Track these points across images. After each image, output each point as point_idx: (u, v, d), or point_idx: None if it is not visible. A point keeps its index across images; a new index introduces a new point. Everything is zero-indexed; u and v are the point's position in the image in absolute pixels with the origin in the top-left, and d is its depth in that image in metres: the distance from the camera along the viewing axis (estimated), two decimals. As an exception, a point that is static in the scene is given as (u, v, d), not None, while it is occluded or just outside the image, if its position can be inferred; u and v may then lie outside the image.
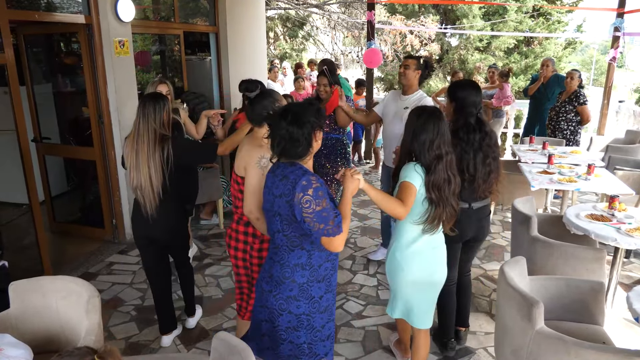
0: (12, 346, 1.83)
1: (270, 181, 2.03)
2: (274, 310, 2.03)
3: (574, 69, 6.08)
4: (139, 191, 2.78)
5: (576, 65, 21.03)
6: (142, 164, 2.71)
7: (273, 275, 2.03)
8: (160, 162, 2.73)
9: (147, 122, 2.73)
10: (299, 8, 14.60)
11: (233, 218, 2.70)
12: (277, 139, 1.94)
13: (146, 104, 2.76)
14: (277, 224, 1.99)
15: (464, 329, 3.23)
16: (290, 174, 1.92)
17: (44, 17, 4.05)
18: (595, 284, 2.71)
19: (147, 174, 2.72)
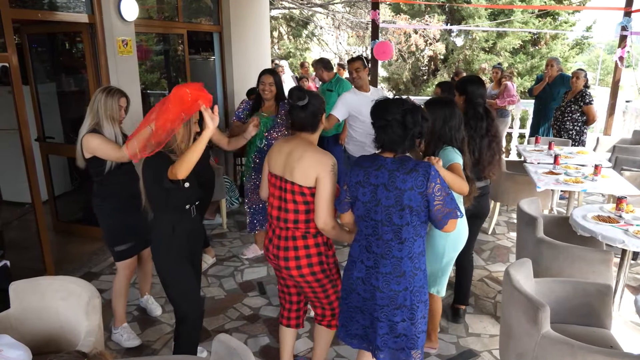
0: (11, 347, 1.81)
1: (387, 177, 2.06)
2: (414, 305, 2.13)
3: (580, 69, 6.03)
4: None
5: (582, 65, 20.89)
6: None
7: (405, 272, 2.10)
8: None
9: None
10: (303, 7, 14.58)
11: (281, 235, 2.43)
12: (412, 134, 2.08)
13: None
14: (406, 217, 2.05)
15: (464, 307, 3.50)
16: (417, 167, 2.05)
17: (47, 16, 4.04)
18: (602, 286, 2.67)
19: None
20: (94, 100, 2.89)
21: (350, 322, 2.29)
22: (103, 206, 3.06)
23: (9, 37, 3.55)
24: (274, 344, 3.21)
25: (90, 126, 2.88)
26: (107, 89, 2.92)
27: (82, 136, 2.86)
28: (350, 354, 3.11)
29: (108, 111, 2.88)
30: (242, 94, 6.18)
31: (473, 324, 3.44)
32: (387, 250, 2.10)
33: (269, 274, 4.17)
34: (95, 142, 2.83)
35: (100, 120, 2.88)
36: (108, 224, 3.09)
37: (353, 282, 2.22)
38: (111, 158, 2.88)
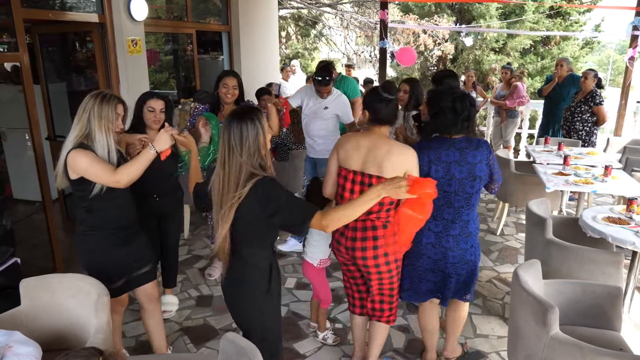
0: (22, 344, 1.83)
1: (458, 155, 2.45)
2: (476, 259, 2.63)
3: (590, 69, 5.98)
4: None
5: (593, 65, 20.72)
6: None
7: (471, 233, 2.57)
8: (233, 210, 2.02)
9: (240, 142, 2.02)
10: (312, 7, 14.58)
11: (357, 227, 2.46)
12: (462, 118, 2.43)
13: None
14: (476, 186, 2.49)
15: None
16: (481, 143, 2.49)
17: (58, 16, 4.07)
18: (612, 288, 2.65)
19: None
20: (84, 107, 2.39)
21: (420, 283, 2.67)
22: (87, 238, 2.52)
23: (21, 36, 3.58)
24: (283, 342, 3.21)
25: (77, 139, 2.37)
26: (101, 94, 2.43)
27: (67, 152, 2.35)
28: (357, 354, 3.11)
29: (103, 120, 2.38)
30: (251, 93, 6.19)
31: (481, 325, 3.43)
32: (457, 215, 2.52)
33: (277, 274, 4.17)
34: (84, 161, 2.32)
35: (92, 132, 2.37)
36: (91, 259, 2.55)
37: (422, 247, 2.58)
38: (104, 182, 2.38)
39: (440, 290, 2.68)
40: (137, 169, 2.41)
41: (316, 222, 1.91)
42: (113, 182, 2.37)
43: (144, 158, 2.43)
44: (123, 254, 2.56)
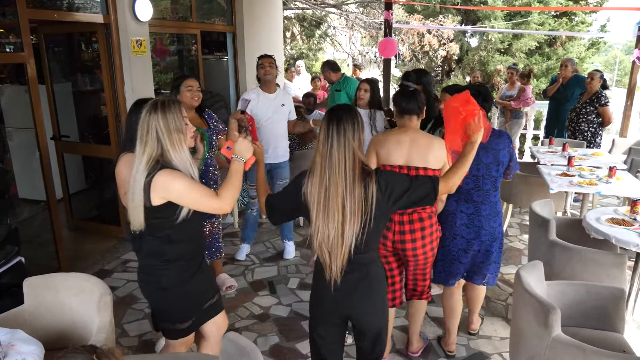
0: (24, 342, 1.84)
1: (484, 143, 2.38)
2: (501, 235, 2.89)
3: (596, 70, 5.95)
4: (324, 247, 1.92)
5: (599, 66, 20.62)
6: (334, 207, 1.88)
7: (498, 212, 2.84)
8: (360, 205, 1.87)
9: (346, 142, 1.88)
10: (317, 8, 14.59)
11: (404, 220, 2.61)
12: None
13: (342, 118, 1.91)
14: (500, 170, 2.76)
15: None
16: (502, 133, 2.78)
17: (63, 17, 4.10)
18: (615, 290, 2.63)
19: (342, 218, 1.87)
20: (146, 125, 2.01)
21: (452, 265, 2.88)
22: (162, 273, 2.15)
23: (26, 37, 3.61)
24: (284, 343, 3.22)
25: (151, 162, 2.01)
26: (158, 103, 2.05)
27: (145, 178, 1.99)
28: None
29: (174, 133, 2.02)
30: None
31: (484, 326, 3.42)
32: (486, 197, 2.77)
33: (280, 274, 4.18)
34: (181, 185, 1.99)
35: (166, 152, 2.02)
36: (164, 298, 2.19)
37: (457, 229, 2.81)
38: (203, 208, 2.08)
39: (469, 270, 2.94)
40: (236, 187, 2.12)
41: (443, 185, 1.98)
42: (217, 208, 2.08)
43: (236, 172, 2.13)
44: (197, 287, 2.24)
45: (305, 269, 4.27)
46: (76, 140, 5.16)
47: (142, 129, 2.02)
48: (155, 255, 2.15)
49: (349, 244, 1.86)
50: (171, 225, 2.08)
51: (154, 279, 2.17)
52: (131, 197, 2.04)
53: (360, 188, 1.85)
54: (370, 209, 1.86)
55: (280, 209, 2.09)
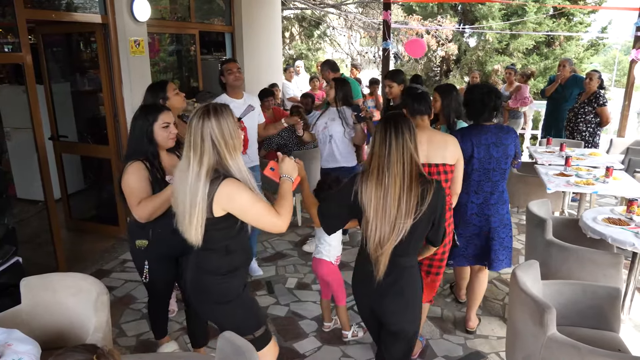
0: (21, 342, 1.85)
1: (494, 138, 2.94)
2: (511, 223, 3.17)
3: (594, 70, 5.96)
4: (379, 248, 1.97)
5: (598, 66, 20.61)
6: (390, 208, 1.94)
7: (505, 200, 3.08)
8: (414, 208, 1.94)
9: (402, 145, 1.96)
10: (316, 8, 14.59)
11: None
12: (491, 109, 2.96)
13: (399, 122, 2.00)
14: (508, 162, 3.00)
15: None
16: (509, 128, 3.04)
17: (61, 17, 4.10)
18: (611, 289, 2.64)
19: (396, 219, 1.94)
20: (200, 134, 1.89)
21: (467, 248, 3.10)
22: (226, 286, 2.07)
23: (24, 37, 3.61)
24: (281, 342, 3.23)
25: (210, 172, 1.90)
26: (210, 109, 1.92)
27: (214, 186, 1.88)
28: (359, 354, 3.12)
29: (230, 140, 1.92)
30: (254, 94, 6.21)
31: (481, 325, 3.43)
32: (495, 187, 2.99)
33: (277, 274, 4.18)
34: (246, 197, 1.91)
35: (224, 160, 1.92)
36: (239, 307, 2.12)
37: (468, 218, 3.04)
38: (263, 225, 1.98)
39: (486, 255, 3.11)
40: (291, 205, 2.07)
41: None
42: (277, 226, 1.99)
43: (289, 192, 2.08)
44: (250, 295, 2.23)
45: (304, 269, 4.27)
46: (74, 141, 5.16)
47: (195, 138, 1.89)
48: (213, 269, 2.04)
49: (397, 241, 1.94)
50: (230, 236, 2.02)
51: (214, 296, 2.06)
52: (187, 211, 1.91)
53: (417, 190, 1.94)
54: (420, 213, 1.94)
55: (335, 216, 2.14)
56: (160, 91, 3.07)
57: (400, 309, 2.08)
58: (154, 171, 2.47)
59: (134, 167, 2.43)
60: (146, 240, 2.55)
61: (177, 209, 1.99)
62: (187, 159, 1.92)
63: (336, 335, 3.28)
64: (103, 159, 4.85)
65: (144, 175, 2.42)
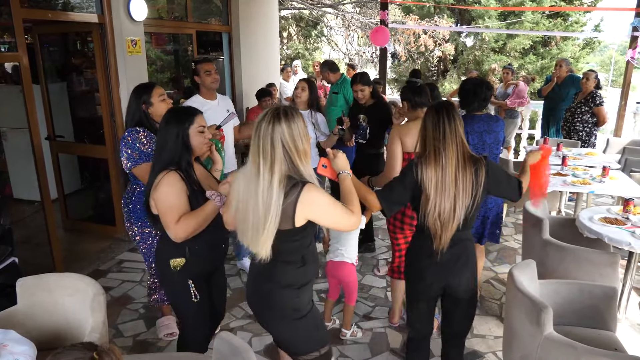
0: (16, 342, 1.84)
1: (486, 126, 3.20)
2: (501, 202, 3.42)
3: (591, 70, 5.97)
4: (438, 220, 2.16)
5: (594, 66, 20.70)
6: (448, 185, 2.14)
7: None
8: (471, 184, 2.16)
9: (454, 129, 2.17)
10: (313, 8, 14.59)
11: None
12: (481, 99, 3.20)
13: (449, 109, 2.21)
14: (499, 148, 3.29)
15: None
16: (497, 117, 3.31)
17: (57, 16, 4.09)
18: (608, 289, 2.65)
19: (456, 195, 2.13)
20: (270, 140, 1.76)
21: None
22: (299, 301, 1.97)
23: (20, 36, 3.60)
24: (279, 342, 3.22)
25: (284, 179, 1.78)
26: (280, 112, 1.80)
27: (294, 195, 1.77)
28: (356, 354, 3.12)
29: (301, 145, 1.81)
30: (251, 94, 6.21)
31: (478, 325, 3.43)
32: None
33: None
34: (325, 200, 1.84)
35: (297, 166, 1.81)
36: (311, 322, 2.04)
37: None
38: (342, 227, 1.92)
39: (480, 234, 3.38)
40: (357, 199, 2.00)
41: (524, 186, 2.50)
42: (353, 225, 1.92)
43: (351, 186, 2.02)
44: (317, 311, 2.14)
45: (301, 269, 4.27)
46: (71, 140, 5.15)
47: (264, 143, 1.77)
48: (289, 283, 1.93)
49: (459, 217, 2.15)
50: (305, 246, 1.95)
51: (287, 311, 1.95)
52: (258, 224, 1.79)
53: (470, 169, 2.17)
54: (478, 190, 2.17)
55: (398, 199, 2.28)
56: (144, 94, 2.86)
57: (468, 277, 2.30)
58: (191, 183, 2.19)
59: (172, 179, 2.13)
60: (183, 258, 2.25)
61: (241, 222, 1.86)
62: (256, 167, 1.80)
63: (334, 335, 3.28)
64: (100, 158, 4.83)
65: (182, 188, 2.14)
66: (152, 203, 2.18)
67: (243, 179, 1.86)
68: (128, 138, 2.80)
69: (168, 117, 2.24)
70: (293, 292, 1.94)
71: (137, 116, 2.87)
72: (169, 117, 2.23)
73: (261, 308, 2.01)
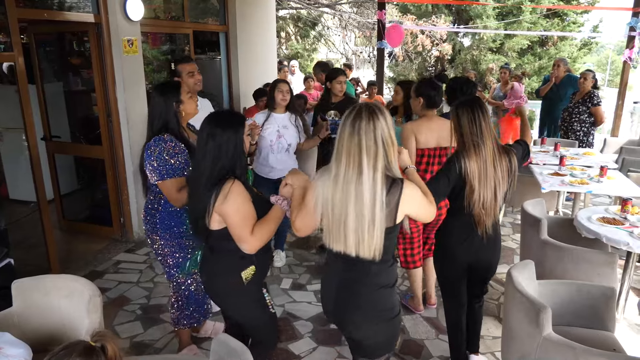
0: (12, 345, 1.83)
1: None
2: None
3: (588, 70, 5.98)
4: (482, 210, 2.41)
5: (591, 66, 20.72)
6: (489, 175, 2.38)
7: None
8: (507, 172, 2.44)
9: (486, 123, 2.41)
10: (311, 8, 14.58)
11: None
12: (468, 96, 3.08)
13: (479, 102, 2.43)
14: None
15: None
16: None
17: (53, 16, 4.06)
18: (606, 289, 2.64)
19: (496, 185, 2.40)
20: (370, 135, 1.73)
21: None
22: (395, 295, 2.01)
23: (15, 36, 3.58)
24: (276, 343, 3.21)
25: (383, 178, 1.76)
26: (373, 108, 1.79)
27: (397, 192, 1.78)
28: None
29: (394, 140, 1.82)
30: (248, 94, 6.19)
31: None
32: None
33: (272, 274, 4.16)
34: (420, 193, 1.89)
35: (391, 162, 1.80)
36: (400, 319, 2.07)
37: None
38: (428, 216, 1.95)
39: None
40: (426, 187, 2.03)
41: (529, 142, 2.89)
42: (434, 214, 1.96)
43: (419, 178, 2.07)
44: None
45: (298, 270, 4.26)
46: (67, 141, 5.13)
47: (367, 140, 1.73)
48: (387, 282, 1.91)
49: (500, 204, 2.46)
50: (395, 244, 1.95)
51: (386, 312, 1.93)
52: (364, 224, 1.75)
53: (505, 158, 2.42)
54: (513, 177, 2.45)
55: (443, 192, 2.46)
56: (175, 94, 2.67)
57: (498, 255, 2.68)
58: (250, 189, 2.12)
59: (240, 188, 2.01)
60: (252, 266, 2.16)
61: (337, 227, 1.80)
62: (356, 166, 1.74)
63: (332, 335, 3.27)
64: (96, 159, 4.81)
65: (248, 196, 2.05)
66: (214, 218, 2.02)
67: (332, 183, 1.78)
68: (154, 149, 2.53)
69: (223, 125, 2.05)
70: (387, 291, 1.91)
71: (163, 119, 2.59)
72: (225, 125, 2.05)
73: (351, 312, 1.91)
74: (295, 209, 2.00)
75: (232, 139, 2.04)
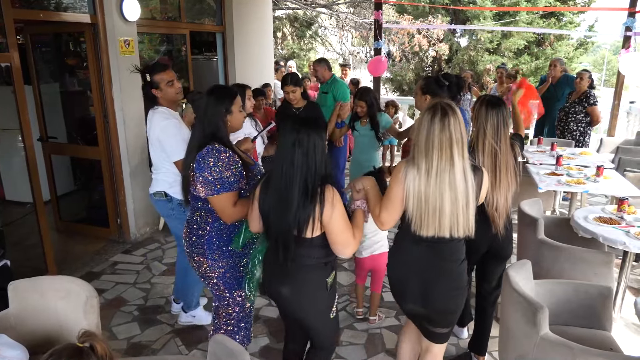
0: (8, 346, 1.82)
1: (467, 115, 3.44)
2: None
3: (584, 69, 6.00)
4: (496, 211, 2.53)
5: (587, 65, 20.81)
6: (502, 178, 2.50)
7: None
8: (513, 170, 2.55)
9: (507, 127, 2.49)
10: (307, 8, 14.57)
11: None
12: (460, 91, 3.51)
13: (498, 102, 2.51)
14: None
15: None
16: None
17: (49, 17, 4.05)
18: (603, 288, 2.65)
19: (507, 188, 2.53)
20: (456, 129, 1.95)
21: None
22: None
23: (11, 36, 3.56)
24: (274, 344, 3.21)
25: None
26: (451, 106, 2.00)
27: (480, 177, 2.11)
28: (352, 356, 3.10)
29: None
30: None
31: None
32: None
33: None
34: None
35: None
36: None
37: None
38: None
39: None
40: None
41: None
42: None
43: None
44: None
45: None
46: (64, 142, 5.11)
47: (456, 134, 1.95)
48: (462, 257, 2.19)
49: (510, 205, 2.56)
50: None
51: (463, 283, 2.21)
52: (458, 210, 2.00)
53: (512, 158, 2.53)
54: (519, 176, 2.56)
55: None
56: (230, 103, 2.43)
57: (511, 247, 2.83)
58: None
59: (338, 194, 2.01)
60: (334, 271, 2.18)
61: (432, 216, 2.00)
62: (448, 158, 1.96)
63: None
64: (93, 160, 4.80)
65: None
66: (316, 226, 1.98)
67: (424, 176, 1.98)
68: (209, 159, 2.29)
69: (318, 130, 2.00)
70: (462, 266, 2.18)
71: (214, 125, 2.35)
72: (320, 130, 2.01)
73: (441, 288, 2.13)
74: (377, 206, 2.15)
75: (320, 146, 1.99)
